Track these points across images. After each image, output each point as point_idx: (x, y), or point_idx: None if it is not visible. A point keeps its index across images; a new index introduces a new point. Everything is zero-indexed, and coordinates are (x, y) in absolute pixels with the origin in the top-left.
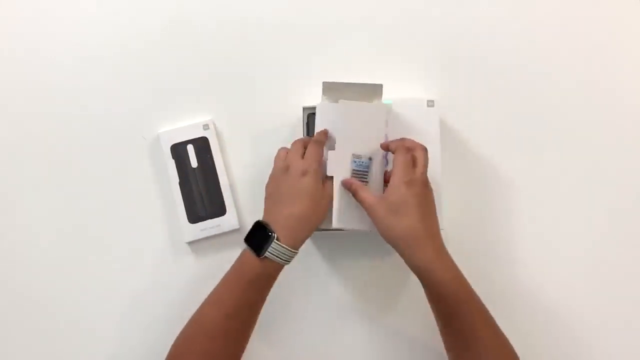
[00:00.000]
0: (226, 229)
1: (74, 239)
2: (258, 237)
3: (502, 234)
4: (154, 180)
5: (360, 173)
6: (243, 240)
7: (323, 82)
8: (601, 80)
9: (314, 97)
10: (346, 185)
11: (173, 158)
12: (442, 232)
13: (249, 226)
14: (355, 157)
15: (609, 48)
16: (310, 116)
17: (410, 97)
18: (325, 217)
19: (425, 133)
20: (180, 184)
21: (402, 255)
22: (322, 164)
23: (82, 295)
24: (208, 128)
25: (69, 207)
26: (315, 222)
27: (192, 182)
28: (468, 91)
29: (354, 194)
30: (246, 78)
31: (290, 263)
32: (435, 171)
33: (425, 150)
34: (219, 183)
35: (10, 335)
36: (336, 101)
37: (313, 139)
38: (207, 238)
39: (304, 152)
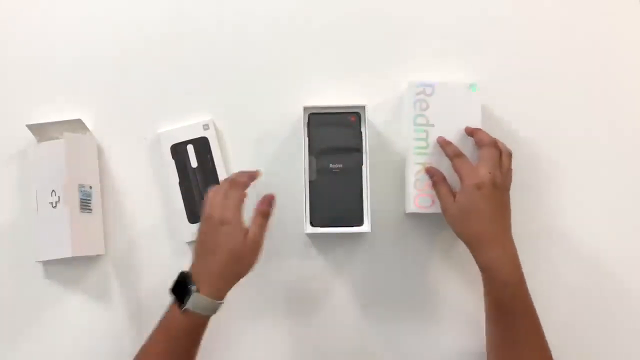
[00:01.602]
0: None
1: None
2: (181, 288)
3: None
4: (154, 180)
5: (86, 201)
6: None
7: (27, 125)
8: None
9: (315, 97)
10: (430, 173)
11: (173, 158)
12: None
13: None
14: (81, 186)
15: None
16: (311, 116)
17: (452, 81)
18: (253, 263)
19: (467, 117)
20: (180, 184)
21: (472, 252)
22: (240, 209)
23: (81, 295)
24: (208, 128)
25: None
26: (240, 272)
27: (192, 182)
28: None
29: (434, 185)
30: (246, 78)
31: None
32: (475, 157)
33: (490, 145)
34: (219, 183)
35: (9, 336)
36: (47, 139)
37: (231, 180)
38: None
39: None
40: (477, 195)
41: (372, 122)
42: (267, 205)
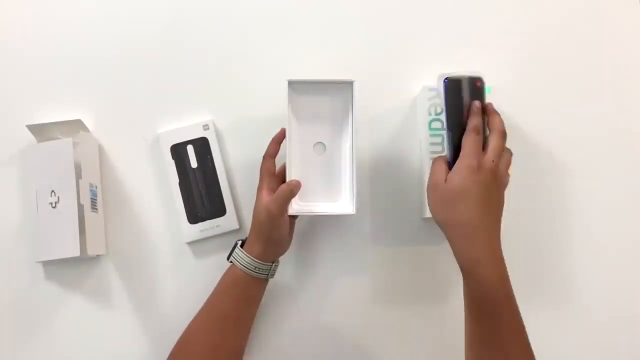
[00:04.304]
0: (226, 230)
1: None
2: (234, 245)
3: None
4: (154, 181)
5: (94, 200)
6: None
7: (27, 126)
8: None
9: None
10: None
11: (173, 158)
12: None
13: (248, 226)
14: (91, 186)
15: None
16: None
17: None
18: (270, 229)
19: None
20: (180, 184)
21: (450, 243)
22: (266, 179)
23: (81, 295)
24: (208, 128)
25: None
26: (269, 236)
27: (192, 183)
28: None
29: (433, 161)
30: (246, 78)
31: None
32: None
33: (501, 134)
34: (218, 183)
35: (9, 337)
36: (47, 139)
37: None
38: (206, 238)
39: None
40: (472, 178)
41: (385, 125)
42: (288, 184)
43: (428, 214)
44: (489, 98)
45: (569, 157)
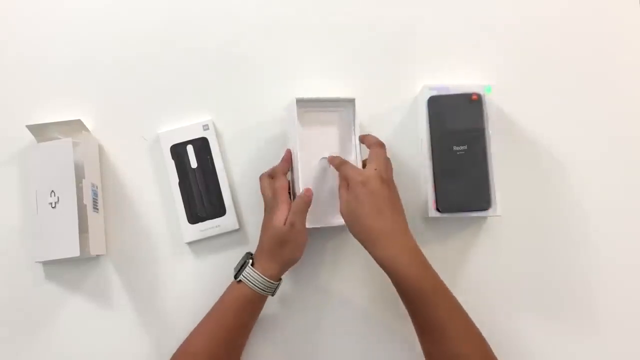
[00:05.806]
0: (226, 230)
1: None
2: (242, 264)
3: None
4: (154, 181)
5: (95, 200)
6: (243, 249)
7: (27, 126)
8: None
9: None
10: (332, 162)
11: (173, 158)
12: (498, 219)
13: (248, 227)
14: (92, 186)
15: None
16: (431, 99)
17: (467, 84)
18: (296, 248)
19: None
20: (180, 184)
21: (367, 250)
22: (283, 196)
23: (81, 295)
24: (208, 128)
25: None
26: (287, 256)
27: (192, 183)
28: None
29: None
30: (246, 78)
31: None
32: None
33: (377, 145)
34: (218, 183)
35: (9, 337)
36: (47, 140)
37: (272, 170)
38: (206, 238)
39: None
40: (362, 191)
41: (385, 125)
42: (301, 196)
43: (432, 214)
44: (489, 97)
45: (568, 157)
